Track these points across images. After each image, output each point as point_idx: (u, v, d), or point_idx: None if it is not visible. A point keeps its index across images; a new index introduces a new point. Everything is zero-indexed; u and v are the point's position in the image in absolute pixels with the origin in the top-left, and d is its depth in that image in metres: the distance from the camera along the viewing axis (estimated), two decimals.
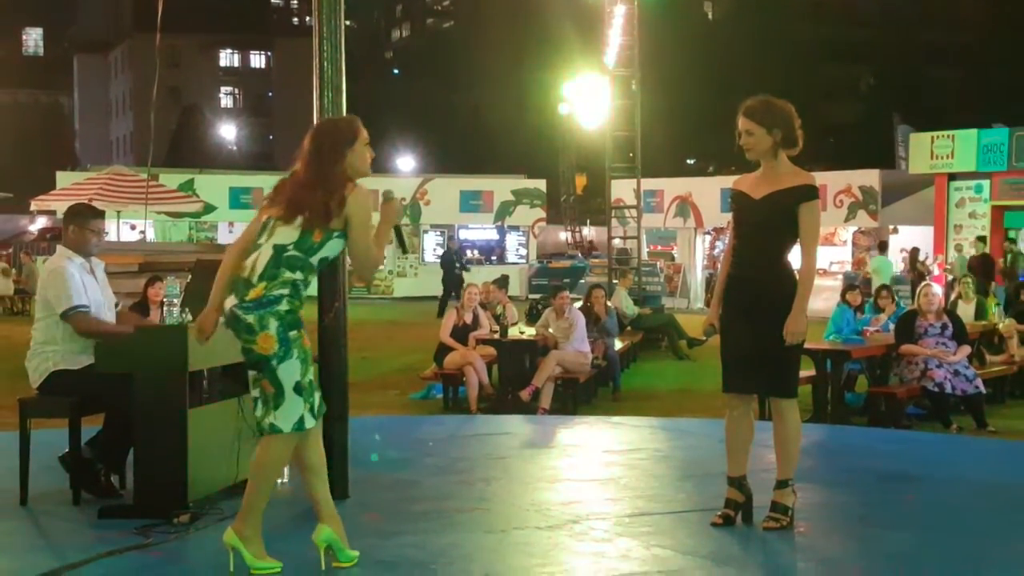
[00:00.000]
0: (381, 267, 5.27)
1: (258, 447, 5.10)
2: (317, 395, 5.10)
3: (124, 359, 6.15)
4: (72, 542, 5.70)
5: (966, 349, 10.96)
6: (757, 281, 5.91)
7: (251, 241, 5.13)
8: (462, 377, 11.49)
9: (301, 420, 5.02)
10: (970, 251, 23.30)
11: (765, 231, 5.92)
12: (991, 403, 11.40)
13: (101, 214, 6.95)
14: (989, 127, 24.28)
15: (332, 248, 5.08)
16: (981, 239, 22.65)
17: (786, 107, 5.94)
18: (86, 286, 6.58)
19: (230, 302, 5.02)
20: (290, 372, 4.97)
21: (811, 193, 5.91)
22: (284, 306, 4.96)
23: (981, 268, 19.57)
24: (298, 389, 4.99)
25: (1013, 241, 22.23)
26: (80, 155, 75.51)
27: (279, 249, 5.01)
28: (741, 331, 5.95)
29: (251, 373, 5.06)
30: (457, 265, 25.85)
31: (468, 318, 12.14)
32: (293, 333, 4.97)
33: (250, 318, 4.94)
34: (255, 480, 5.10)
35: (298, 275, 5.01)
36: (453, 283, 24.10)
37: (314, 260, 5.05)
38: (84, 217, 6.77)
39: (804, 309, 5.83)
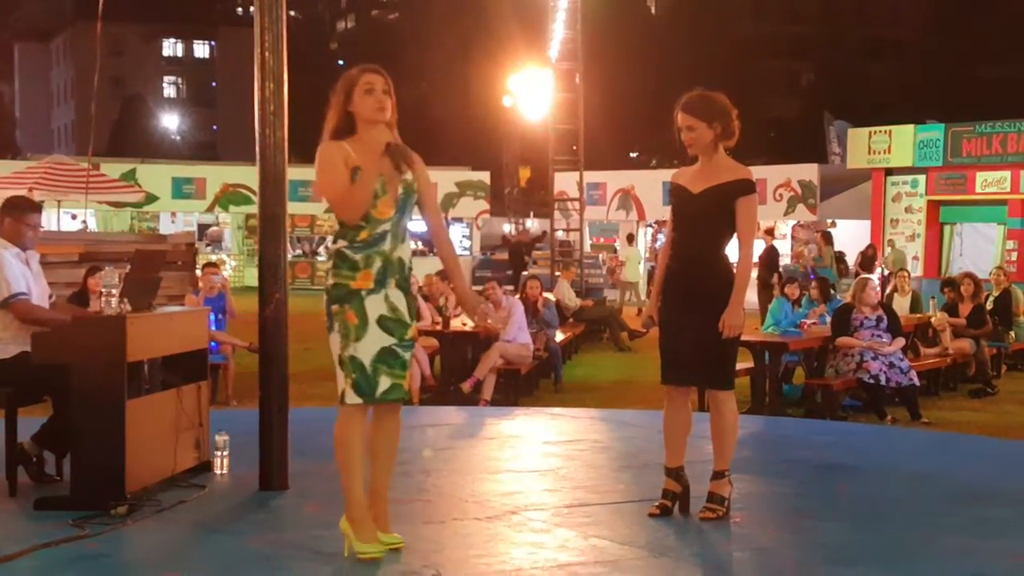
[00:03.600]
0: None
1: None
2: (374, 374, 5.08)
3: (62, 349, 6.11)
4: (6, 533, 5.63)
5: (900, 341, 11.12)
6: (695, 274, 5.97)
7: None
8: None
9: (342, 394, 5.14)
10: (905, 245, 23.60)
11: (703, 225, 5.98)
12: (925, 395, 11.59)
13: (39, 208, 6.91)
14: (925, 123, 24.57)
15: None
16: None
17: (721, 99, 6.00)
18: (23, 275, 6.54)
19: None
20: (333, 345, 5.13)
21: (749, 187, 5.98)
22: (330, 280, 5.14)
23: (767, 261, 19.56)
24: (340, 362, 5.12)
25: (829, 231, 22.44)
26: (21, 144, 74.41)
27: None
28: (679, 324, 6.00)
29: None
30: (525, 255, 26.94)
31: None
32: (334, 307, 5.11)
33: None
34: (337, 459, 5.17)
35: (340, 243, 5.13)
36: (521, 270, 24.48)
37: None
38: (21, 210, 6.71)
39: (741, 302, 5.89)
